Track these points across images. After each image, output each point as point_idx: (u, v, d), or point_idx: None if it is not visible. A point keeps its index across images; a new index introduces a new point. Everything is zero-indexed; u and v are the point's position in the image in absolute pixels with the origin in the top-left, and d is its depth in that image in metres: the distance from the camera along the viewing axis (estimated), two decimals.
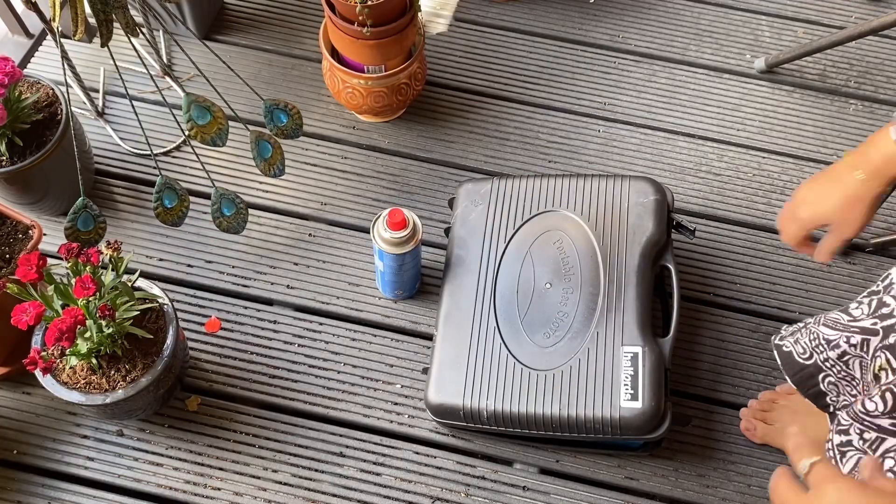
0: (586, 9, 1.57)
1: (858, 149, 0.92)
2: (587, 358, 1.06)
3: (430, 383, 1.09)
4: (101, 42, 1.05)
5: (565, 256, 1.13)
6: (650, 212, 1.14)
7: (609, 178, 1.18)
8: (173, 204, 1.16)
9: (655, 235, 1.13)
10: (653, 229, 1.13)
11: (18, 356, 1.11)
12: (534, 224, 1.16)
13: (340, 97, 1.35)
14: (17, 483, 1.12)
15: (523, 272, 1.13)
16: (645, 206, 1.15)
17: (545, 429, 1.05)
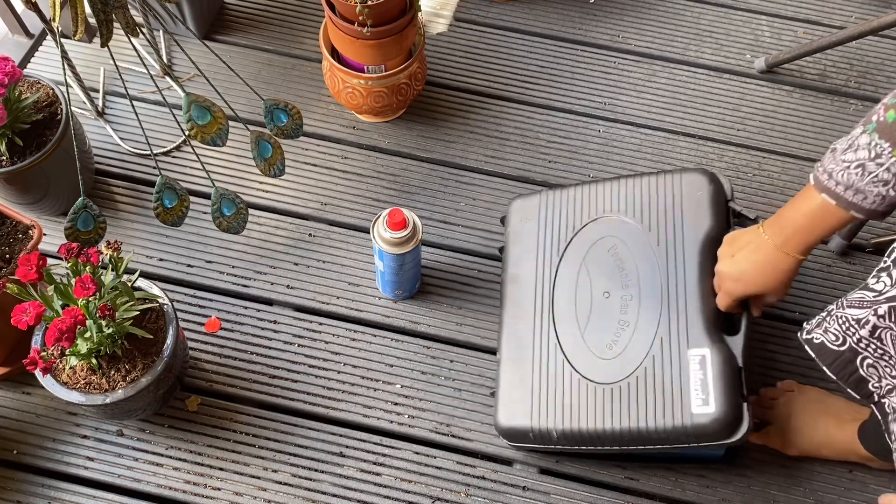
0: (586, 9, 1.57)
1: (780, 217, 0.95)
2: (653, 366, 1.01)
3: (497, 407, 1.08)
4: (101, 42, 1.05)
5: (621, 262, 1.09)
6: (706, 205, 1.09)
7: (660, 175, 1.13)
8: (173, 204, 1.16)
9: (714, 229, 1.07)
10: (710, 223, 1.07)
11: (18, 356, 1.11)
12: (585, 233, 1.13)
13: (340, 97, 1.35)
14: (17, 483, 1.12)
15: (580, 284, 1.10)
16: (700, 200, 1.09)
17: (618, 444, 1.02)
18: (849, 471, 1.16)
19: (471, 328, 1.25)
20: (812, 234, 0.93)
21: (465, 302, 1.27)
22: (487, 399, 1.20)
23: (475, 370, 1.22)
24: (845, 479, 1.15)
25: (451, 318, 1.26)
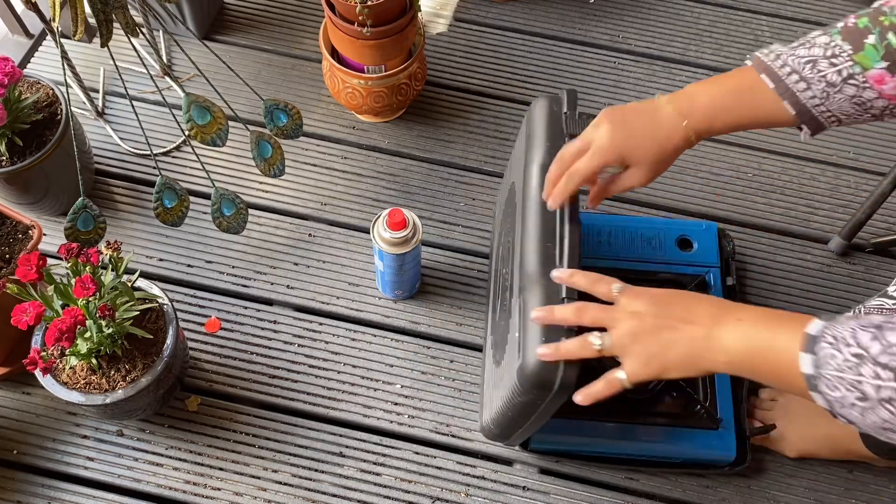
0: (586, 9, 1.57)
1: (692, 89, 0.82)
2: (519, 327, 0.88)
3: (481, 406, 1.08)
4: (101, 42, 1.05)
5: (508, 229, 1.01)
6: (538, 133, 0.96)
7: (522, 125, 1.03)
8: (173, 204, 1.16)
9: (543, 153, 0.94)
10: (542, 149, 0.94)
11: (18, 356, 1.11)
12: (502, 216, 1.10)
13: (340, 97, 1.35)
14: (17, 483, 1.12)
15: (495, 267, 1.09)
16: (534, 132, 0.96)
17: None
18: (849, 471, 1.16)
19: (471, 328, 1.25)
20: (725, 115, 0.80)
21: (465, 302, 1.27)
22: None
23: (475, 370, 1.22)
24: (845, 479, 1.16)
25: (451, 318, 1.26)
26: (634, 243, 1.19)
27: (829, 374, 0.66)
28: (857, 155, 1.42)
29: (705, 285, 1.16)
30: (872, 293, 1.29)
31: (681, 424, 1.08)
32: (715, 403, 1.09)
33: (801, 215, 1.37)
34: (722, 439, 1.08)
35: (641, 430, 1.08)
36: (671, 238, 1.19)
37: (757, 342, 0.72)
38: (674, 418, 1.09)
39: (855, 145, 1.43)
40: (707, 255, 1.17)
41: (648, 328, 0.77)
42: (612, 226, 1.20)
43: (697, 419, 1.09)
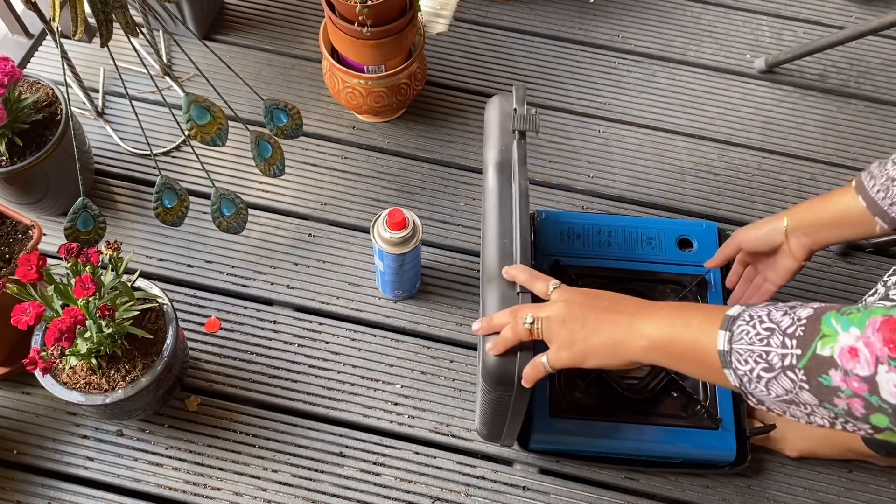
0: (586, 9, 1.57)
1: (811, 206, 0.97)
2: None
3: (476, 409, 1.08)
4: (101, 42, 1.05)
5: None
6: (490, 132, 0.99)
7: None
8: (173, 204, 1.16)
9: (498, 154, 0.97)
10: (494, 148, 0.97)
11: (18, 356, 1.11)
12: None
13: (340, 97, 1.35)
14: (17, 483, 1.12)
15: None
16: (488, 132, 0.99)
17: None
18: (849, 471, 1.16)
19: (471, 328, 1.25)
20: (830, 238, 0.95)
21: (465, 302, 1.27)
22: None
23: (475, 370, 1.22)
24: (845, 479, 1.15)
25: (451, 318, 1.26)
26: (635, 243, 1.19)
27: (741, 348, 0.69)
28: (857, 155, 1.42)
29: (705, 285, 1.16)
30: None
31: (681, 424, 1.08)
32: (715, 403, 1.09)
33: None
34: (722, 439, 1.07)
35: (641, 429, 1.08)
36: (671, 238, 1.19)
37: (676, 326, 0.75)
38: (674, 418, 1.09)
39: (855, 145, 1.43)
40: (707, 255, 1.17)
41: (575, 315, 0.82)
42: (612, 226, 1.20)
43: (697, 419, 1.08)
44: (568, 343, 0.81)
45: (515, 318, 0.84)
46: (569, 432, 1.09)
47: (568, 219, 1.21)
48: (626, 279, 1.17)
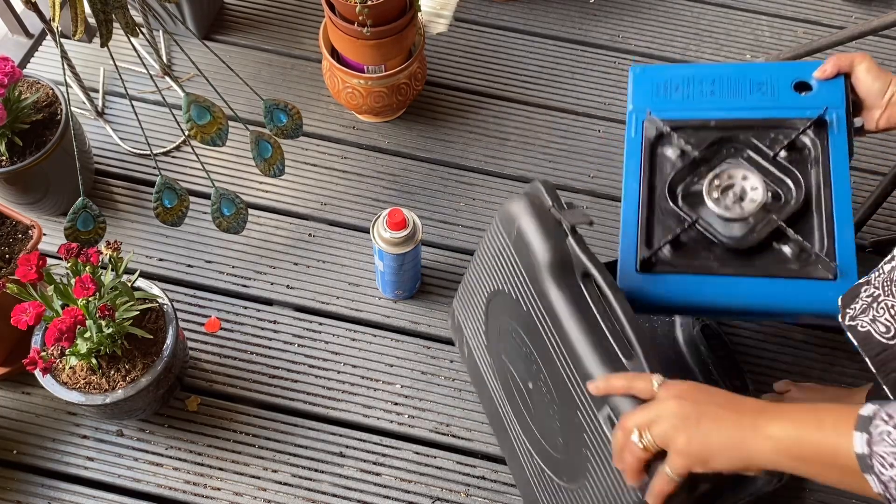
0: (586, 9, 1.57)
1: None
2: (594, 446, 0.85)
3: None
4: (100, 42, 1.05)
5: (521, 344, 0.96)
6: (529, 234, 0.91)
7: (490, 227, 0.99)
8: (173, 204, 1.16)
9: (551, 255, 0.89)
10: (543, 250, 0.90)
11: (18, 356, 1.11)
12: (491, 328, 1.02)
13: (340, 97, 1.35)
14: (17, 483, 1.12)
15: (514, 385, 0.99)
16: (521, 231, 0.92)
17: None
18: None
19: None
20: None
21: None
22: None
23: None
24: None
25: None
26: (741, 91, 1.06)
27: (884, 452, 0.64)
28: (857, 155, 1.42)
29: (825, 125, 1.01)
30: None
31: (792, 276, 0.95)
32: (833, 251, 0.95)
33: None
34: (840, 291, 0.89)
35: (744, 283, 0.95)
36: (786, 81, 1.06)
37: (806, 426, 0.69)
38: (783, 269, 0.96)
39: (854, 145, 1.43)
40: (829, 96, 1.03)
41: (688, 413, 0.73)
42: (716, 75, 1.08)
43: (812, 269, 0.95)
44: (685, 446, 0.72)
45: (627, 440, 0.76)
46: (660, 289, 0.97)
47: (666, 72, 1.10)
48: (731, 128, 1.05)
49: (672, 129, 1.04)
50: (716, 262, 0.97)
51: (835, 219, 0.97)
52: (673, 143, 1.04)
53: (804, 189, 0.99)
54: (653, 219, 1.01)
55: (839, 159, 1.00)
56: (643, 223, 1.00)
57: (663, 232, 1.00)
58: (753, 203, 0.98)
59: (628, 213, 1.02)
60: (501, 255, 0.97)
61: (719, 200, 0.99)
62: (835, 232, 0.96)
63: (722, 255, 0.97)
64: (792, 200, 0.99)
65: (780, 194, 1.00)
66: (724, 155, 1.03)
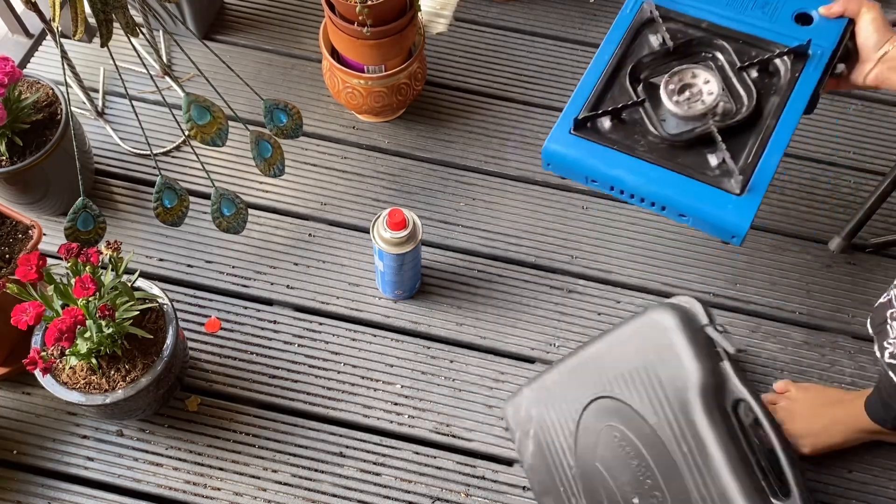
0: (586, 9, 1.57)
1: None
2: None
3: None
4: (101, 42, 1.05)
5: (631, 456, 0.93)
6: (681, 349, 0.90)
7: (623, 329, 0.97)
8: (173, 204, 1.16)
9: (704, 376, 0.88)
10: (697, 370, 0.89)
11: (18, 356, 1.11)
12: (586, 429, 0.97)
13: (340, 97, 1.35)
14: (17, 483, 1.12)
15: (606, 495, 0.95)
16: (671, 346, 0.90)
17: None
18: (848, 471, 1.16)
19: (471, 328, 1.25)
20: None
21: (465, 302, 1.27)
22: (487, 399, 1.20)
23: (475, 370, 1.22)
24: (845, 479, 1.16)
25: (451, 318, 1.26)
26: (746, 4, 1.06)
27: None
28: (857, 155, 1.42)
29: (804, 57, 1.01)
30: (872, 293, 1.29)
31: (703, 180, 0.95)
32: (752, 171, 0.96)
33: (801, 215, 1.37)
34: (740, 208, 0.93)
35: (659, 172, 0.96)
36: (790, 8, 1.05)
37: None
38: (699, 172, 0.96)
39: (855, 145, 1.43)
40: (824, 33, 1.02)
41: None
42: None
43: (724, 180, 0.95)
44: None
45: None
46: (582, 152, 0.98)
47: None
48: (718, 34, 1.04)
49: (662, 18, 1.04)
50: (643, 147, 0.97)
51: (769, 144, 0.97)
52: (658, 31, 1.04)
53: (755, 108, 0.98)
54: (609, 90, 1.02)
55: (801, 93, 0.99)
56: (598, 90, 1.00)
57: (611, 103, 1.00)
58: (703, 106, 0.98)
59: (588, 79, 1.02)
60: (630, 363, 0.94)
61: (673, 93, 0.99)
62: (762, 155, 0.96)
63: (652, 143, 0.98)
64: (739, 115, 0.98)
65: (731, 107, 1.00)
66: (698, 55, 1.04)
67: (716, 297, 1.29)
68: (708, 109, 0.98)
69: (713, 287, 1.30)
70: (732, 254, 1.32)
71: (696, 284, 1.30)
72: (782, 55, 1.01)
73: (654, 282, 1.30)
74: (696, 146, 0.98)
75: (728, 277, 1.31)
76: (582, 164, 0.98)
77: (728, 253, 1.33)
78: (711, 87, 0.99)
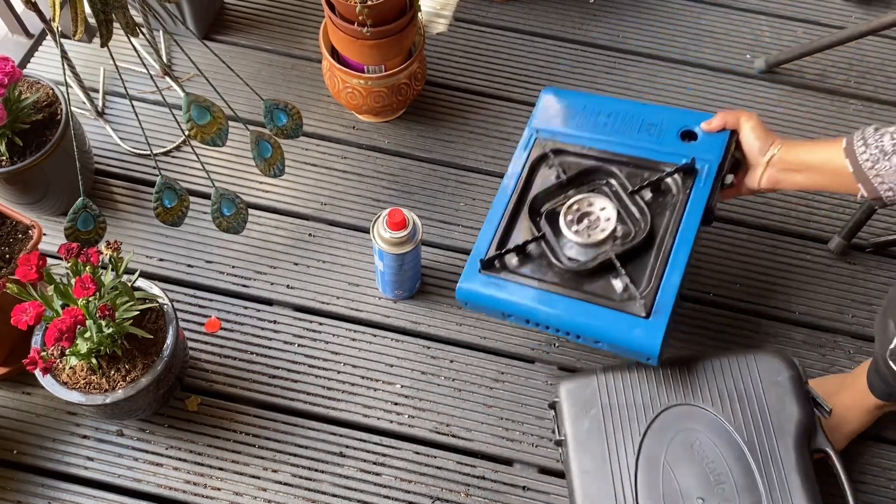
0: (586, 9, 1.57)
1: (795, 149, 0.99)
2: None
3: None
4: (101, 42, 1.05)
5: (709, 461, 0.98)
6: (789, 392, 1.01)
7: (733, 357, 1.04)
8: (173, 204, 1.16)
9: (804, 419, 0.99)
10: (799, 412, 1.00)
11: (18, 356, 1.11)
12: (662, 426, 1.01)
13: (340, 97, 1.35)
14: (17, 483, 1.12)
15: (666, 489, 0.98)
16: (782, 386, 1.01)
17: None
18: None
19: (471, 328, 1.25)
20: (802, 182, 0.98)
21: None
22: (487, 399, 1.20)
23: (475, 370, 1.22)
24: None
25: (451, 318, 1.26)
26: (633, 129, 1.12)
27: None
28: None
29: (693, 173, 1.07)
30: (872, 293, 1.29)
31: (612, 306, 1.01)
32: (654, 295, 1.00)
33: (801, 215, 1.37)
34: (649, 332, 0.98)
35: (569, 302, 1.01)
36: (674, 128, 1.11)
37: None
38: (606, 299, 1.02)
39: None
40: (709, 148, 1.08)
41: None
42: (614, 109, 1.14)
43: (630, 304, 1.00)
44: None
45: None
46: (494, 290, 1.04)
47: (572, 98, 1.18)
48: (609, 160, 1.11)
49: (555, 152, 1.12)
50: (552, 278, 1.04)
51: (668, 264, 1.02)
52: (552, 165, 1.11)
53: (652, 230, 1.05)
54: (513, 226, 1.09)
55: (694, 209, 1.05)
56: (503, 228, 1.08)
57: (515, 239, 1.08)
58: (603, 233, 1.05)
59: (493, 216, 1.09)
60: (736, 387, 1.03)
61: (572, 223, 1.06)
62: (664, 276, 1.02)
63: (560, 273, 1.04)
64: (636, 238, 1.05)
65: (630, 230, 1.06)
66: (592, 183, 1.11)
67: (716, 297, 1.29)
68: (607, 236, 1.05)
69: (713, 287, 1.30)
70: (732, 254, 1.32)
71: (696, 284, 1.30)
72: (672, 174, 1.07)
73: None
74: (600, 272, 1.04)
75: (728, 277, 1.31)
76: (495, 302, 1.05)
77: (728, 253, 1.33)
78: (608, 214, 1.06)
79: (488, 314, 1.08)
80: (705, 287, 1.30)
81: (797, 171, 1.00)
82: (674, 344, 1.25)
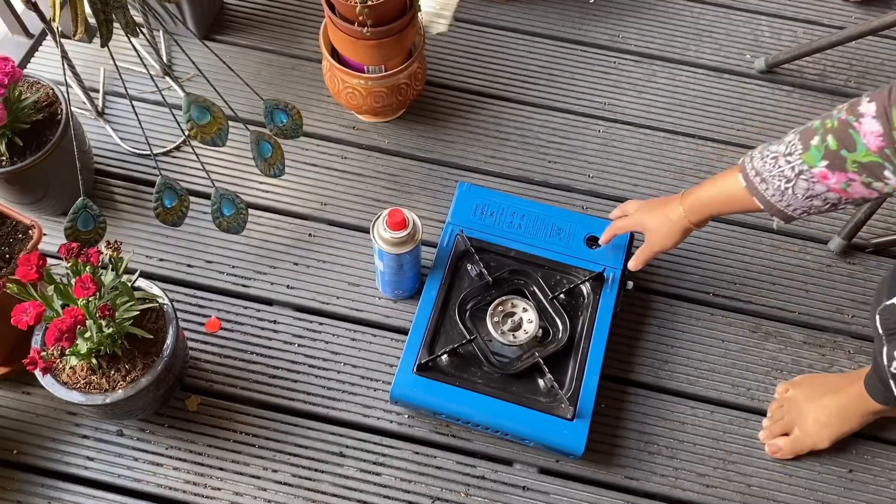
0: (586, 9, 1.57)
1: (699, 191, 1.02)
2: None
3: None
4: (101, 42, 1.05)
5: None
6: None
7: None
8: (173, 204, 1.16)
9: None
10: None
11: (18, 356, 1.11)
12: None
13: (340, 97, 1.35)
14: (17, 483, 1.12)
15: None
16: None
17: None
18: (849, 471, 1.16)
19: None
20: (717, 210, 1.01)
21: None
22: None
23: None
24: (845, 479, 1.16)
25: None
26: (544, 231, 1.22)
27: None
28: None
29: (601, 280, 1.18)
30: (872, 293, 1.29)
31: (538, 408, 1.10)
32: (577, 395, 1.10)
33: None
34: (574, 431, 1.09)
35: (497, 404, 1.10)
36: (580, 233, 1.22)
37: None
38: (533, 400, 1.11)
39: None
40: (611, 257, 1.20)
41: None
42: (527, 211, 1.24)
43: (555, 406, 1.10)
44: None
45: None
46: (427, 392, 1.11)
47: (487, 196, 1.25)
48: (527, 262, 1.20)
49: (476, 250, 1.19)
50: (481, 380, 1.12)
51: (587, 366, 1.13)
52: (475, 262, 1.19)
53: (570, 333, 1.14)
54: (441, 327, 1.16)
55: (604, 313, 1.17)
56: (431, 329, 1.14)
57: (446, 342, 1.14)
58: (526, 335, 1.13)
59: (421, 317, 1.16)
60: None
61: (498, 325, 1.14)
62: (584, 378, 1.12)
63: (489, 375, 1.13)
64: (557, 341, 1.14)
65: (549, 332, 1.16)
66: (513, 285, 1.19)
67: (716, 297, 1.29)
68: (530, 337, 1.13)
69: (713, 287, 1.30)
70: (732, 254, 1.33)
71: (696, 284, 1.30)
72: (585, 281, 1.18)
73: (654, 282, 1.30)
74: (527, 373, 1.13)
75: (728, 277, 1.31)
76: (427, 403, 1.12)
77: (728, 253, 1.33)
78: (530, 316, 1.15)
79: (422, 413, 1.16)
80: (705, 287, 1.30)
81: (709, 206, 1.02)
82: (673, 343, 1.25)
